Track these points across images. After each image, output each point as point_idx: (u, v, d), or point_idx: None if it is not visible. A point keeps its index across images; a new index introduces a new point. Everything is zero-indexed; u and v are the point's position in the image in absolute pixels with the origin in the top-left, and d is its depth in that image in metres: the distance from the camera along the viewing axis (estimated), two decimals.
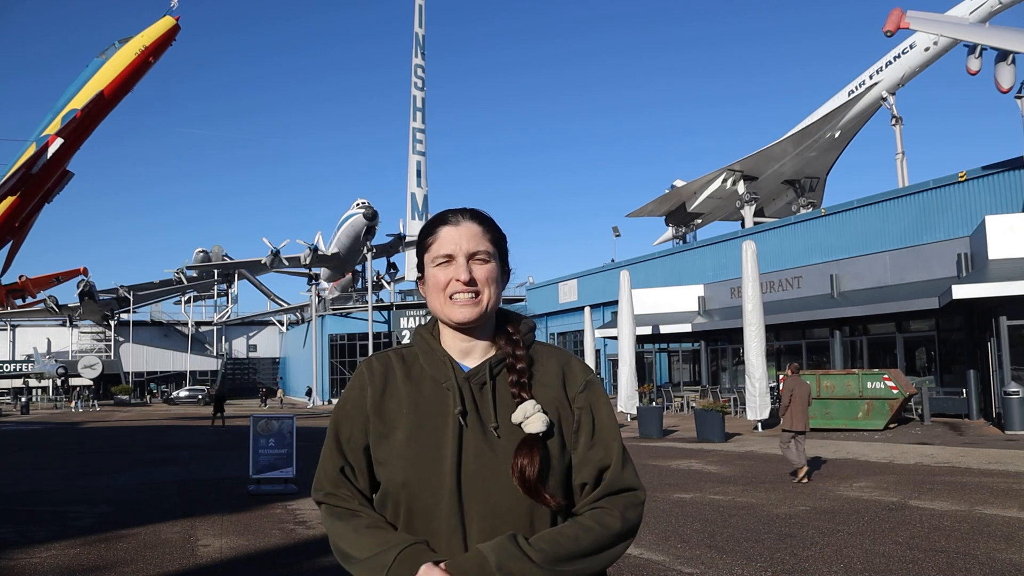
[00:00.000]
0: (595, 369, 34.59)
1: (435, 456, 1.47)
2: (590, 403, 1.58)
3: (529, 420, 1.47)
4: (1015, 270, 17.32)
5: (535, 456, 1.45)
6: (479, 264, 1.54)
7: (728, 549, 6.98)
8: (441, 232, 1.57)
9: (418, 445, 1.49)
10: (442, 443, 1.48)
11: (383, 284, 61.42)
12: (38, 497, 11.64)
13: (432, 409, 1.52)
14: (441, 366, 1.55)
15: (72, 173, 30.43)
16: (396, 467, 1.49)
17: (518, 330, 1.61)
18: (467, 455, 1.47)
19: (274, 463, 11.55)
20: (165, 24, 27.98)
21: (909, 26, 22.82)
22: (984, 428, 17.83)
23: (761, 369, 18.66)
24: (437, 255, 1.55)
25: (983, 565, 6.19)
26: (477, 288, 1.53)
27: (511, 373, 1.54)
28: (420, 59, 64.92)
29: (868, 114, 37.26)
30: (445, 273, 1.54)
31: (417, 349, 1.61)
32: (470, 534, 1.44)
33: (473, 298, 1.53)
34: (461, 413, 1.49)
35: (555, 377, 1.58)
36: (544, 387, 1.55)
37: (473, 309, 1.53)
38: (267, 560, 7.16)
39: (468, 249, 1.54)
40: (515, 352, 1.56)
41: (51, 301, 64.49)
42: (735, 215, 42.87)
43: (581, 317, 33.67)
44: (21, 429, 32.01)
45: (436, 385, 1.54)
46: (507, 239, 1.65)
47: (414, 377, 1.57)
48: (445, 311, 1.55)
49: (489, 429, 1.49)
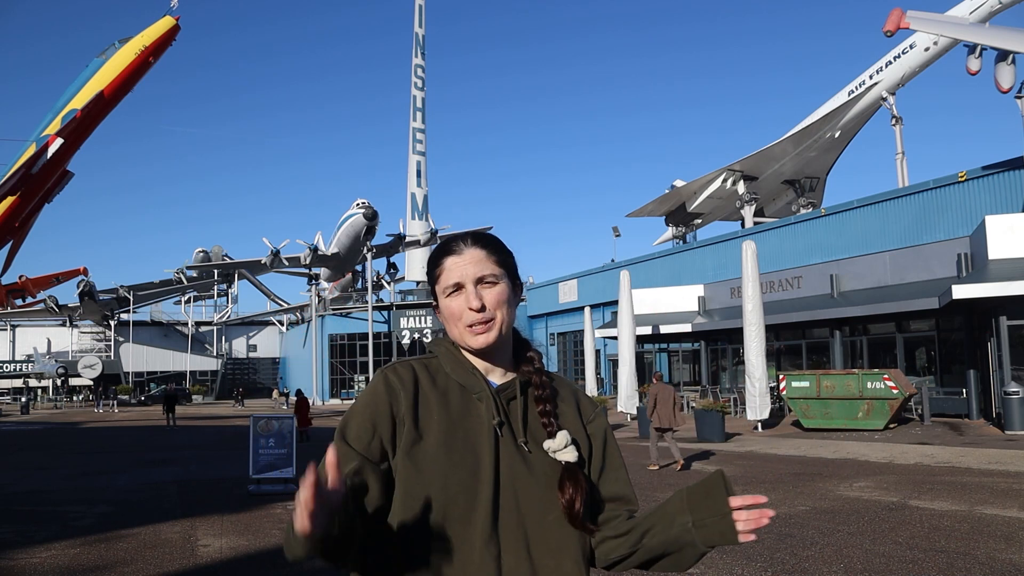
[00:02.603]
0: (595, 369, 34.63)
1: (473, 463, 1.48)
2: (604, 430, 1.66)
3: (566, 449, 1.51)
4: (1015, 270, 17.31)
5: (581, 487, 1.49)
6: (488, 288, 1.55)
7: (728, 549, 6.98)
8: (447, 263, 1.58)
9: (454, 452, 1.49)
10: (479, 451, 1.49)
11: (383, 284, 61.38)
12: (38, 497, 11.64)
13: (462, 417, 1.53)
14: (471, 377, 1.57)
15: (72, 173, 30.41)
16: (432, 473, 1.46)
17: (537, 357, 1.64)
18: (502, 465, 1.50)
19: (274, 463, 11.56)
20: (165, 24, 27.97)
21: (909, 26, 22.79)
22: (984, 428, 17.83)
23: (761, 369, 18.66)
24: (447, 285, 1.56)
25: (983, 565, 6.19)
26: (490, 313, 1.54)
27: (539, 403, 1.57)
28: (420, 59, 64.91)
29: (868, 114, 37.26)
30: (457, 303, 1.55)
31: (442, 359, 1.60)
32: (504, 544, 1.46)
33: (488, 323, 1.54)
34: (499, 424, 1.52)
35: (571, 405, 1.64)
36: (565, 416, 1.60)
37: (490, 335, 1.54)
38: (267, 560, 7.17)
39: (475, 275, 1.55)
40: (542, 380, 1.59)
41: (51, 301, 64.41)
42: (735, 215, 42.87)
43: (581, 317, 33.70)
44: (21, 429, 32.03)
45: (464, 394, 1.56)
46: (514, 256, 1.65)
47: (440, 385, 1.57)
48: (464, 339, 1.55)
49: (519, 443, 1.52)
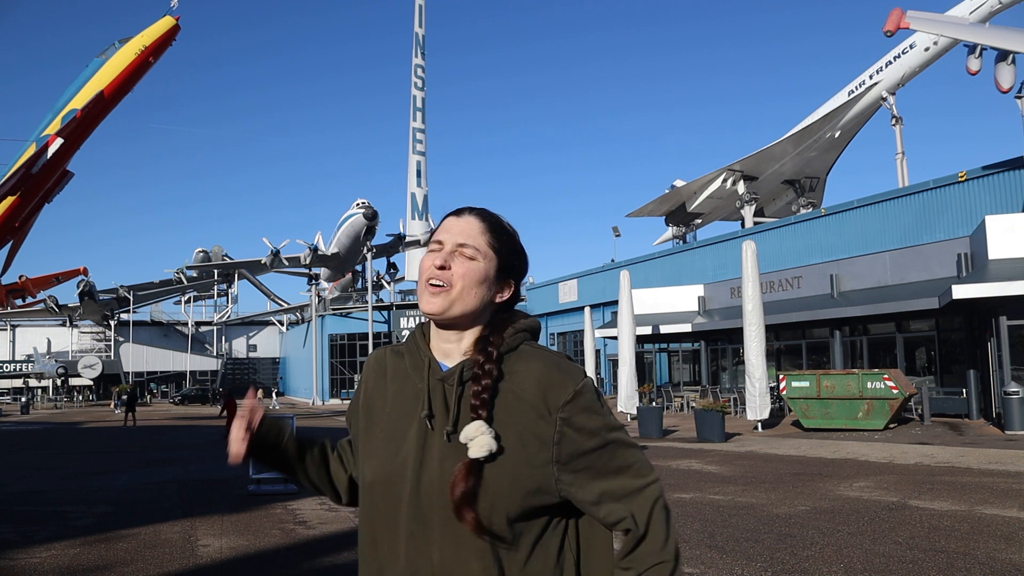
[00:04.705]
0: (595, 369, 34.47)
1: (401, 458, 1.42)
2: (583, 428, 1.41)
3: (474, 442, 1.35)
4: (1015, 270, 17.31)
5: (469, 479, 1.34)
6: (463, 259, 1.45)
7: (728, 549, 6.98)
8: (445, 222, 1.52)
9: (389, 445, 1.45)
10: (409, 445, 1.42)
11: (383, 284, 61.40)
12: (38, 497, 11.64)
13: (407, 409, 1.47)
14: (420, 365, 1.49)
15: (72, 173, 30.38)
16: (368, 466, 1.47)
17: (501, 336, 1.46)
18: (430, 460, 1.39)
19: None
20: (165, 24, 27.94)
21: (909, 26, 22.81)
22: (984, 428, 17.82)
23: (761, 369, 18.66)
24: (432, 241, 1.51)
25: (983, 565, 6.19)
26: (448, 278, 1.44)
27: (474, 383, 1.41)
28: (420, 59, 64.88)
29: (868, 114, 37.25)
30: (428, 259, 1.47)
31: (405, 348, 1.56)
32: (431, 539, 1.37)
33: (440, 287, 1.43)
34: (427, 416, 1.42)
35: (531, 396, 1.41)
36: (516, 400, 1.41)
37: (438, 300, 1.43)
38: (267, 560, 7.16)
39: (457, 240, 1.47)
40: (482, 361, 1.42)
41: (51, 301, 64.44)
42: (735, 215, 42.87)
43: (581, 317, 33.68)
44: (21, 429, 32.03)
45: (414, 384, 1.50)
46: (516, 252, 1.55)
47: (400, 375, 1.52)
48: (421, 301, 1.47)
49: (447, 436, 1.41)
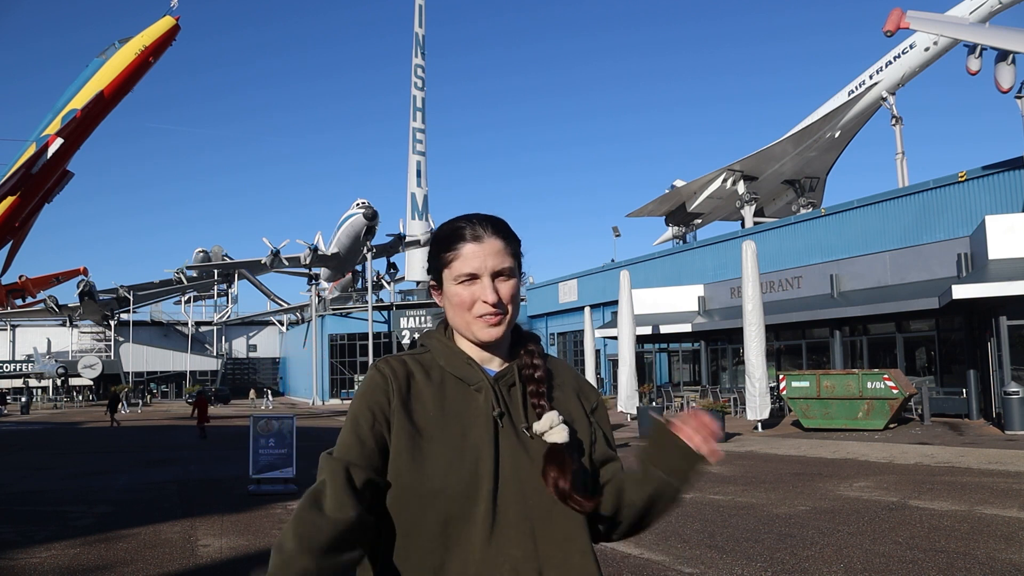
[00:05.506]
0: (595, 369, 34.62)
1: (473, 458, 1.44)
2: (602, 418, 1.66)
3: (553, 430, 1.47)
4: (1015, 270, 17.31)
5: (566, 467, 1.43)
6: (503, 281, 1.51)
7: (728, 549, 6.99)
8: (464, 250, 1.50)
9: (452, 448, 1.44)
10: (479, 445, 1.45)
11: (383, 284, 61.42)
12: (38, 497, 11.64)
13: (460, 411, 1.48)
14: (468, 368, 1.52)
15: (72, 173, 30.37)
16: (432, 472, 1.43)
17: (535, 342, 1.63)
18: (503, 457, 1.45)
19: (274, 463, 11.56)
20: (165, 24, 27.94)
21: (909, 26, 22.79)
22: (984, 428, 17.82)
23: (761, 369, 18.66)
24: (460, 273, 1.50)
25: (983, 565, 6.19)
26: (504, 307, 1.51)
27: (531, 383, 1.54)
28: (420, 59, 64.90)
29: (868, 114, 37.23)
30: (469, 292, 1.49)
31: (435, 352, 1.55)
32: (507, 536, 1.41)
33: (501, 317, 1.51)
34: (499, 415, 1.48)
35: (571, 389, 1.62)
36: (563, 397, 1.58)
37: (500, 328, 1.51)
38: (267, 560, 7.15)
39: (493, 267, 1.49)
40: (533, 362, 1.56)
41: (51, 301, 64.48)
42: (735, 215, 42.85)
43: (581, 317, 33.68)
44: (21, 429, 32.03)
45: (461, 387, 1.51)
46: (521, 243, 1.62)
47: (434, 379, 1.51)
48: (472, 330, 1.51)
49: (521, 430, 1.48)
